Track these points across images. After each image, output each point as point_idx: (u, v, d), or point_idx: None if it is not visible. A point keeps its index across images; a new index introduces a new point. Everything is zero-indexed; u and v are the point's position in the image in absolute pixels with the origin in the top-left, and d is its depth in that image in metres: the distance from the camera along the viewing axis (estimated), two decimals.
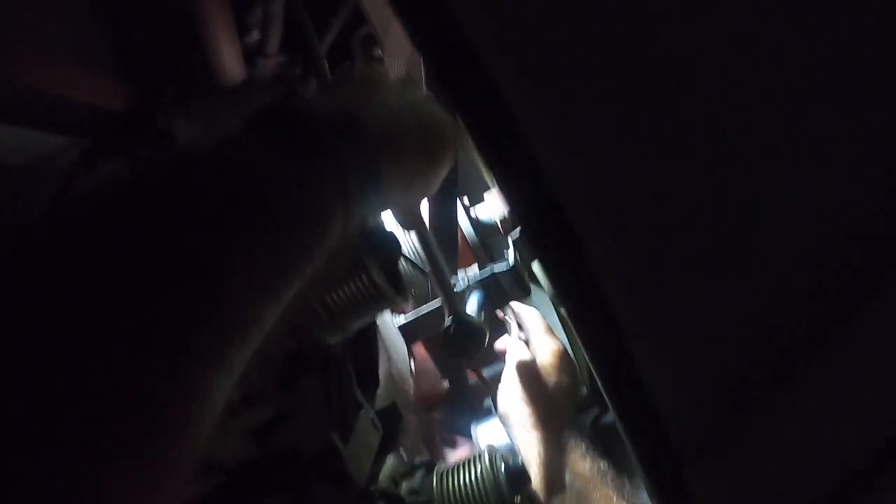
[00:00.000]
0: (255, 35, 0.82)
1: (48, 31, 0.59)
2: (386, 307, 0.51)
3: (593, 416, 0.90)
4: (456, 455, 0.89)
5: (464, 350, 0.63)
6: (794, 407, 0.37)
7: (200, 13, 0.68)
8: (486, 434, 0.88)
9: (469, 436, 0.93)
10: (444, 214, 0.77)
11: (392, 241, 0.51)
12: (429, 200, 0.73)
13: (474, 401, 1.00)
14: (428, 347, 0.95)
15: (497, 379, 1.09)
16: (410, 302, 0.84)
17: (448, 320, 0.62)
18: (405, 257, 0.74)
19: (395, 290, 0.50)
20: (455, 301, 0.63)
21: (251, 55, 0.80)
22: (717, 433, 0.39)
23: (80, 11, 0.64)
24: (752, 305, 0.36)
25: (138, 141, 0.55)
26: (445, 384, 0.98)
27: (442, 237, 0.73)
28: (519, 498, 0.56)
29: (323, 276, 0.36)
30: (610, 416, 0.95)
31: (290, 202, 0.32)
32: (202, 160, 0.32)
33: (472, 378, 1.03)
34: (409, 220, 0.55)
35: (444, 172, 0.48)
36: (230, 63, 0.75)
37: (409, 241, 0.80)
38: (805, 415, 0.38)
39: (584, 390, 0.86)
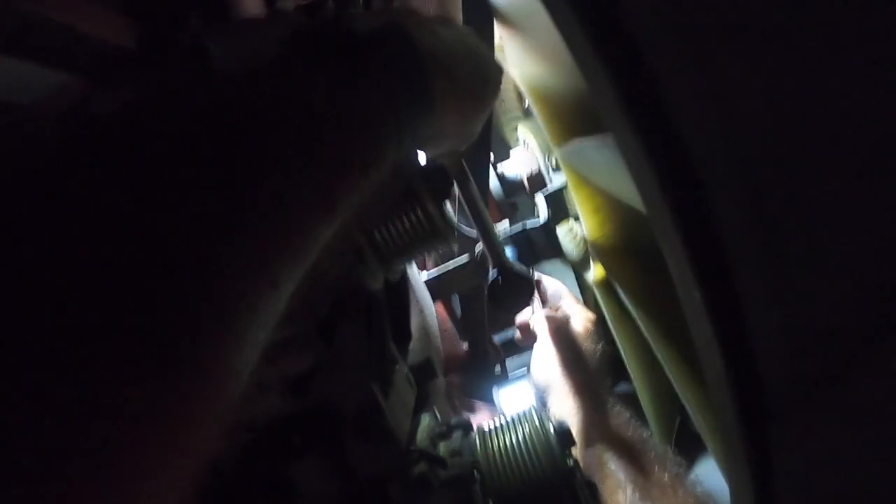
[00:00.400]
0: None
1: None
2: (438, 245, 0.47)
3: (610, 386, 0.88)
4: (475, 420, 0.85)
5: (513, 300, 0.60)
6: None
7: None
8: (509, 398, 0.85)
9: (488, 400, 0.90)
10: (476, 169, 0.73)
11: (444, 172, 0.46)
12: None
13: (490, 366, 0.97)
14: (447, 308, 0.91)
15: (507, 345, 1.07)
16: (432, 257, 0.81)
17: (493, 272, 0.59)
18: None
19: (447, 225, 0.46)
20: (501, 251, 0.59)
21: None
22: (812, 389, 0.35)
23: None
24: (874, 248, 0.32)
25: (160, 62, 0.50)
26: (464, 346, 0.95)
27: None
28: (570, 461, 0.52)
29: (371, 208, 0.34)
30: (624, 386, 0.93)
31: (339, 117, 0.30)
32: (246, 75, 0.29)
33: None
34: (454, 168, 0.52)
35: (489, 109, 0.47)
36: (251, 3, 0.70)
37: None
38: None
39: None
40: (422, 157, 0.50)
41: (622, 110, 0.32)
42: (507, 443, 0.53)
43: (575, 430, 0.70)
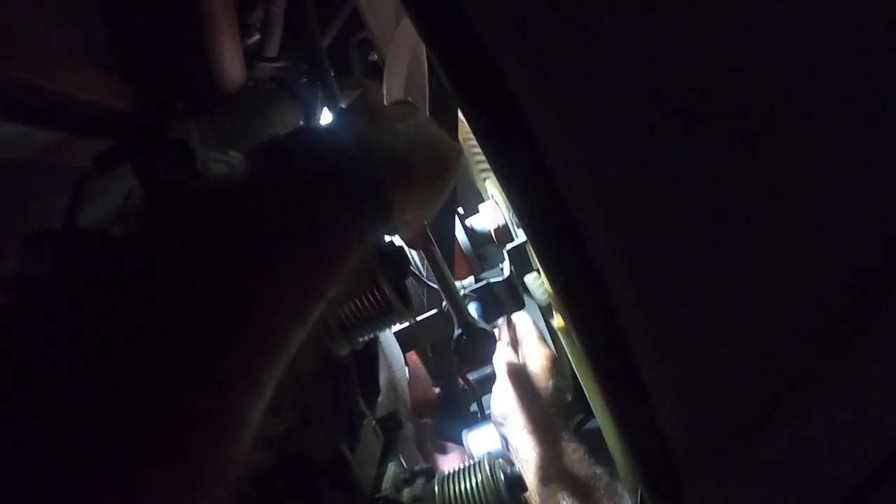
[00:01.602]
0: (255, 37, 0.82)
1: (46, 26, 0.59)
2: (396, 321, 0.52)
3: (577, 421, 0.92)
4: (447, 461, 0.90)
5: (476, 356, 0.65)
6: (795, 427, 0.38)
7: (205, 13, 0.68)
8: (478, 441, 0.89)
9: (459, 442, 0.94)
10: (442, 227, 0.78)
11: (401, 256, 0.52)
12: None
13: (464, 407, 1.01)
14: (420, 355, 0.96)
15: (483, 383, 1.11)
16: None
17: (457, 329, 0.64)
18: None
19: (404, 305, 0.52)
20: (464, 310, 0.65)
21: (251, 58, 0.81)
22: (717, 448, 0.40)
23: (80, 8, 0.64)
24: (760, 319, 0.37)
25: (148, 151, 0.56)
26: (436, 391, 0.99)
27: (441, 249, 0.74)
28: None
29: (337, 295, 0.38)
30: (594, 422, 0.98)
31: (306, 231, 0.34)
32: (222, 194, 0.34)
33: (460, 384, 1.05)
34: (417, 239, 0.57)
35: (448, 191, 0.50)
36: (232, 66, 0.75)
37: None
38: (804, 435, 0.39)
39: (569, 396, 0.88)
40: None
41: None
42: (461, 489, 0.59)
43: (532, 466, 0.75)
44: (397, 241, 0.58)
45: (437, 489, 0.60)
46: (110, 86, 0.66)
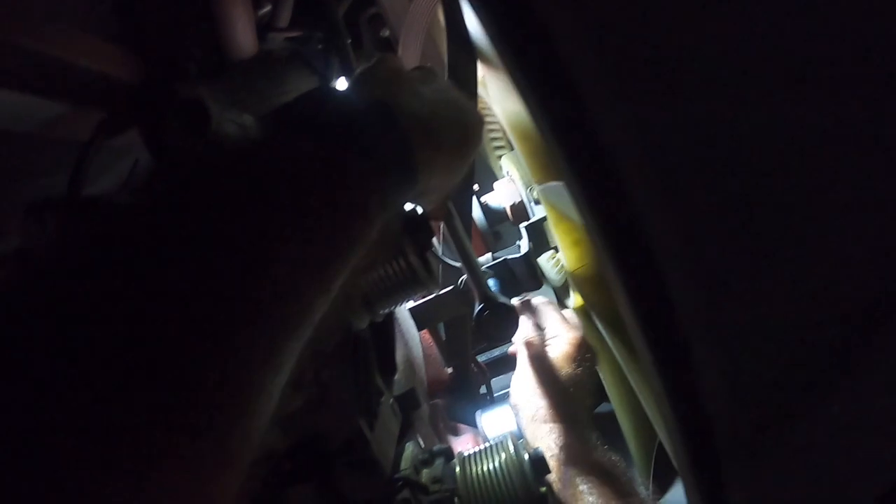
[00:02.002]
0: (266, 8, 0.80)
1: None
2: (420, 291, 0.50)
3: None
4: (459, 442, 0.88)
5: (499, 331, 0.63)
6: (842, 412, 0.37)
7: None
8: (492, 422, 0.87)
9: (471, 423, 0.92)
10: (461, 202, 0.76)
11: (426, 225, 0.50)
12: None
13: (476, 389, 0.99)
14: (433, 334, 0.94)
15: (493, 366, 1.10)
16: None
17: (478, 303, 0.62)
18: None
19: (428, 274, 0.49)
20: (486, 284, 0.63)
21: (262, 29, 0.78)
22: (762, 427, 0.38)
23: None
24: (814, 298, 0.36)
25: (159, 111, 0.53)
26: (448, 371, 0.98)
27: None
28: (543, 488, 0.55)
29: (361, 262, 0.36)
30: (606, 406, 0.96)
31: (329, 192, 0.32)
32: (240, 156, 0.32)
33: None
34: (438, 211, 0.55)
35: (472, 157, 0.48)
36: (244, 36, 0.73)
37: None
38: (852, 415, 0.37)
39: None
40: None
41: (570, 169, 0.35)
42: (485, 470, 0.57)
43: (549, 454, 0.73)
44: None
45: (458, 470, 0.58)
46: (117, 56, 0.63)
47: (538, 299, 0.92)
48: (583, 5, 0.31)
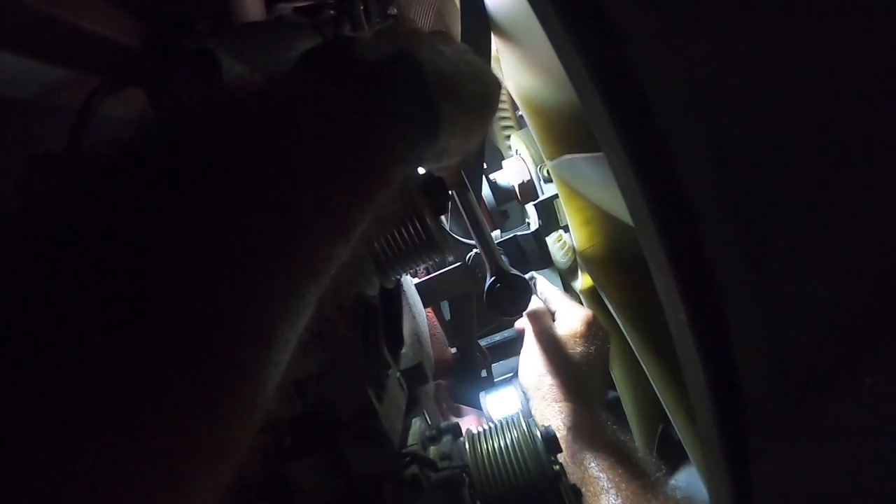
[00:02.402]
0: None
1: None
2: (435, 256, 0.48)
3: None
4: (463, 423, 0.86)
5: (512, 304, 0.61)
6: (870, 382, 0.36)
7: None
8: (496, 403, 0.86)
9: (473, 405, 0.91)
10: (471, 178, 0.74)
11: (444, 187, 0.48)
12: None
13: (479, 370, 0.98)
14: (436, 314, 0.93)
15: (495, 350, 1.08)
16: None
17: (490, 276, 0.60)
18: None
19: (444, 237, 0.47)
20: (498, 256, 0.61)
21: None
22: (791, 406, 0.37)
23: None
24: (853, 269, 0.35)
25: (167, 65, 0.51)
26: (452, 352, 0.96)
27: None
28: (557, 466, 0.54)
29: (374, 222, 0.35)
30: (613, 392, 0.95)
31: (351, 139, 0.31)
32: (263, 94, 0.31)
33: None
34: (453, 178, 0.54)
35: (490, 120, 0.48)
36: (252, 6, 0.71)
37: None
38: (878, 393, 0.36)
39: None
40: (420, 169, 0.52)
41: (615, 134, 0.33)
42: (496, 447, 0.55)
43: (559, 433, 0.71)
44: None
45: (467, 446, 0.56)
46: (122, 21, 0.62)
47: (542, 282, 0.91)
48: None
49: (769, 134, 0.32)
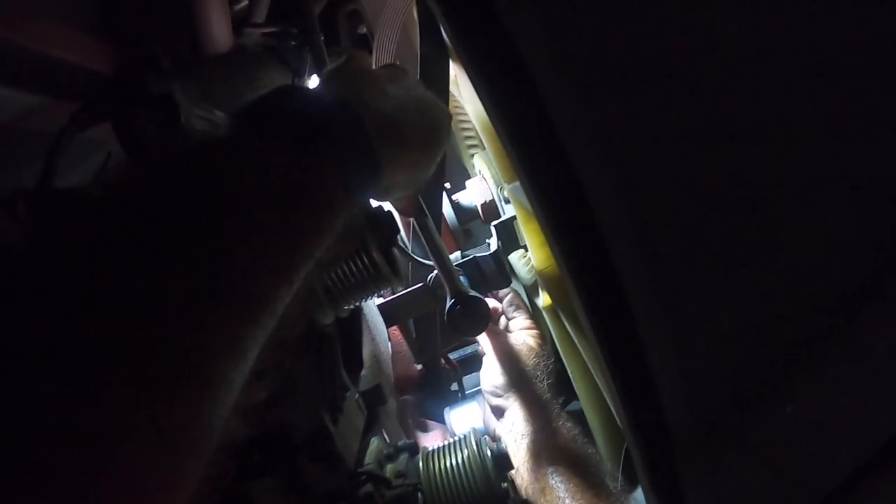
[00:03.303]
0: (243, 2, 0.80)
1: None
2: (384, 288, 0.51)
3: (560, 402, 0.92)
4: (428, 438, 0.89)
5: (471, 325, 0.64)
6: (791, 410, 0.38)
7: None
8: (460, 418, 0.88)
9: (440, 420, 0.93)
10: (430, 200, 0.77)
11: (391, 221, 0.51)
12: None
13: (446, 385, 1.00)
14: (402, 330, 0.95)
15: (464, 363, 1.10)
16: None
17: (450, 298, 0.63)
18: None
19: (392, 271, 0.50)
20: (457, 279, 0.64)
21: (238, 24, 0.78)
22: (716, 426, 0.39)
23: None
24: (768, 301, 0.37)
25: (130, 105, 0.53)
26: (418, 368, 0.98)
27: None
28: (505, 483, 0.56)
29: (325, 257, 0.37)
30: (576, 404, 0.97)
31: (291, 189, 0.33)
32: (207, 152, 0.33)
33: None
34: (410, 208, 0.56)
35: (440, 154, 0.49)
36: (220, 31, 0.72)
37: None
38: (805, 416, 0.38)
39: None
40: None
41: (521, 165, 0.36)
42: (447, 465, 0.58)
43: (525, 441, 0.74)
44: (388, 208, 0.57)
45: (421, 465, 0.59)
46: (93, 48, 0.63)
47: (504, 293, 0.94)
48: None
49: (677, 182, 0.35)
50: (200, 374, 0.27)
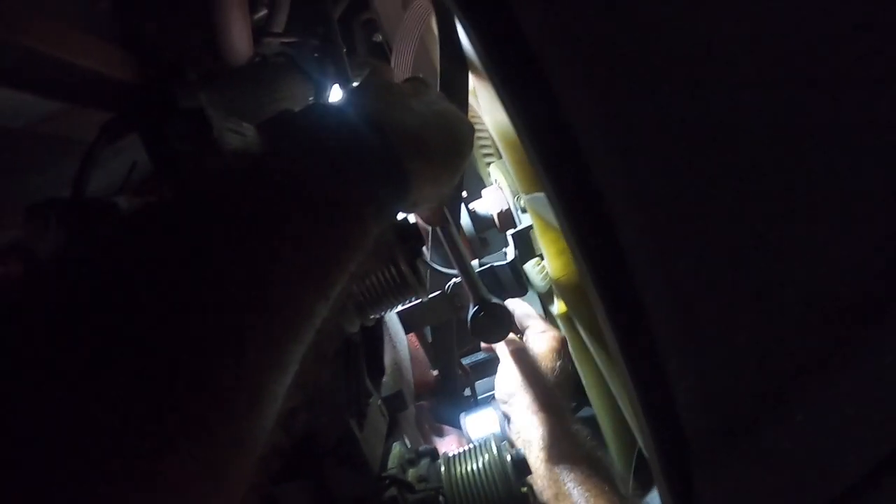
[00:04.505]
0: (263, 12, 0.81)
1: None
2: (409, 297, 0.52)
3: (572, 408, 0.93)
4: (444, 444, 0.90)
5: (494, 331, 0.65)
6: (807, 416, 0.38)
7: None
8: (476, 424, 0.89)
9: (455, 425, 0.94)
10: (449, 209, 0.78)
11: (417, 234, 0.52)
12: None
13: (460, 391, 1.01)
14: (419, 337, 0.96)
15: (476, 368, 1.12)
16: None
17: (473, 305, 0.64)
18: None
19: (418, 281, 0.51)
20: (481, 286, 0.65)
21: (258, 33, 0.80)
22: (730, 433, 0.40)
23: None
24: (783, 313, 0.38)
25: (160, 119, 0.55)
26: (434, 374, 1.00)
27: None
28: (524, 488, 0.58)
29: (357, 271, 0.38)
30: (587, 411, 0.98)
31: (326, 208, 0.34)
32: (244, 171, 0.34)
33: None
34: (434, 217, 0.57)
35: (464, 166, 0.50)
36: (240, 40, 0.74)
37: None
38: (814, 424, 0.39)
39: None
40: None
41: (546, 175, 0.37)
42: (468, 470, 0.59)
43: (535, 447, 0.75)
44: (412, 218, 0.58)
45: (443, 469, 0.60)
46: (114, 56, 0.64)
47: (517, 303, 0.95)
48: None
49: (694, 195, 0.36)
50: (249, 387, 0.28)
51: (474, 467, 0.59)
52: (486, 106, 0.89)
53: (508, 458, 0.60)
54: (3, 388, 0.23)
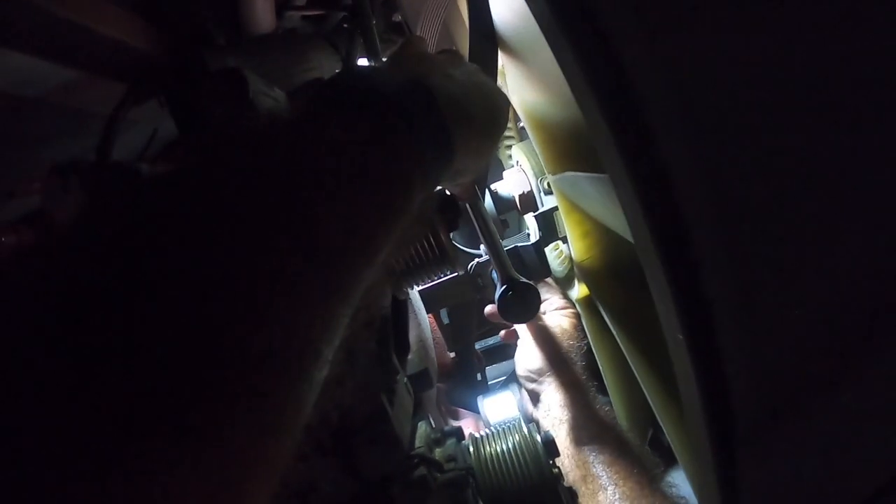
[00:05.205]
0: None
1: None
2: (445, 270, 0.51)
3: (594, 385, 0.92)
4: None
5: (522, 310, 0.64)
6: (852, 402, 0.39)
7: None
8: (493, 406, 0.89)
9: (470, 408, 0.93)
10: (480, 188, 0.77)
11: (454, 205, 0.50)
12: None
13: (475, 374, 1.00)
14: (435, 319, 0.95)
15: (488, 354, 1.11)
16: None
17: (501, 285, 0.63)
18: None
19: (455, 253, 0.50)
20: (510, 265, 0.64)
21: (280, 6, 0.78)
22: (774, 415, 0.40)
23: None
24: (837, 293, 0.38)
25: (190, 81, 0.53)
26: (451, 356, 0.99)
27: None
28: (556, 469, 0.57)
29: (398, 239, 0.36)
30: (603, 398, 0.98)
31: (375, 168, 0.33)
32: (290, 128, 0.33)
33: None
34: (466, 192, 0.56)
35: (500, 138, 0.50)
36: (263, 13, 0.72)
37: None
38: (854, 409, 0.39)
39: None
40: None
41: (619, 157, 0.36)
42: (499, 450, 0.58)
43: (564, 426, 0.74)
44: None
45: (472, 449, 0.59)
46: (135, 25, 0.63)
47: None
48: None
49: (762, 167, 0.35)
50: (296, 352, 0.26)
51: (504, 447, 0.58)
52: (514, 86, 0.88)
53: (539, 438, 0.59)
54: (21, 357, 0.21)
